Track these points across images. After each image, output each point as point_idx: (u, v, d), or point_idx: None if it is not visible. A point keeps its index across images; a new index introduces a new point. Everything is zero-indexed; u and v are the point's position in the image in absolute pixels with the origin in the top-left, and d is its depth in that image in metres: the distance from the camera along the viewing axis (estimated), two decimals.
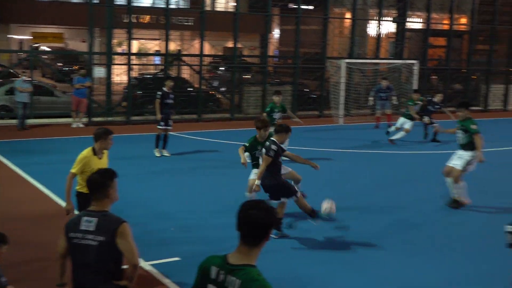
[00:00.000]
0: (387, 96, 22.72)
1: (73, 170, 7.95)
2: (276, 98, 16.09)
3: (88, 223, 4.74)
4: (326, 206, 9.80)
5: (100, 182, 4.86)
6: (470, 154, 11.64)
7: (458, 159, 11.79)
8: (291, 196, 9.66)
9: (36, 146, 17.41)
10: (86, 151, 7.99)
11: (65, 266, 5.06)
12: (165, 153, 16.23)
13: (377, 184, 13.74)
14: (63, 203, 11.29)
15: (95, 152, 7.95)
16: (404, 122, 19.17)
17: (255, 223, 3.71)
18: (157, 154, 16.12)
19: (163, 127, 16.22)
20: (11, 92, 21.22)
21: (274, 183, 9.61)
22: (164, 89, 16.51)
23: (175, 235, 9.80)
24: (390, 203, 12.14)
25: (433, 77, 30.95)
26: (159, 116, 16.20)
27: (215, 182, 13.47)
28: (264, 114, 16.08)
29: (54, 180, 13.06)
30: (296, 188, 9.95)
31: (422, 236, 10.18)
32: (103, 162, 7.95)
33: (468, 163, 11.67)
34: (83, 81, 21.01)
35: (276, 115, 15.87)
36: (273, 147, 9.55)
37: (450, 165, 11.84)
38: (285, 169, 10.53)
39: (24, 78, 20.18)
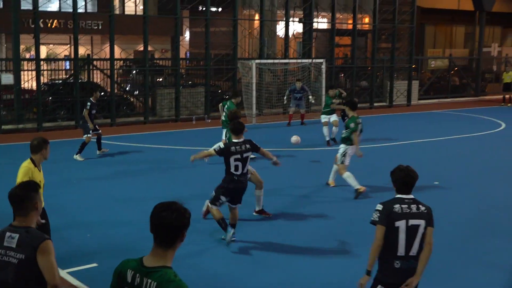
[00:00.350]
0: (301, 96, 23.16)
1: None
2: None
3: (11, 239, 4.49)
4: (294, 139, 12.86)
5: (25, 196, 4.60)
6: (343, 147, 12.72)
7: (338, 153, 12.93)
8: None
9: None
10: (27, 163, 7.56)
11: None
12: (101, 152, 16.92)
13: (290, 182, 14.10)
14: None
15: (35, 164, 7.58)
16: (328, 118, 19.33)
17: (168, 225, 3.70)
18: (80, 159, 16.23)
19: (92, 134, 16.57)
20: None
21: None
22: (92, 99, 16.60)
23: (91, 241, 9.74)
24: (307, 202, 12.52)
25: (341, 75, 31.89)
26: (91, 126, 16.35)
27: (130, 186, 13.43)
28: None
29: None
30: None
31: (331, 237, 10.58)
32: (42, 174, 7.69)
33: (343, 155, 12.68)
34: None
35: None
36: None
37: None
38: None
39: None
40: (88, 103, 16.39)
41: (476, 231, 10.47)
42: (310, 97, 23.62)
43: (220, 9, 32.34)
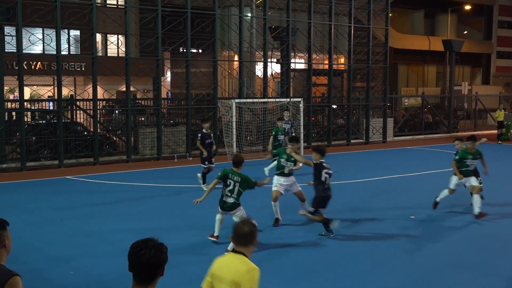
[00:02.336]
0: (288, 129, 21.36)
1: None
2: (279, 123, 19.69)
3: None
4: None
5: None
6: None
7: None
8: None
9: None
10: None
11: None
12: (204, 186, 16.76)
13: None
14: None
15: None
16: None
17: (147, 263, 3.67)
18: (205, 188, 16.25)
19: (207, 166, 16.99)
20: None
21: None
22: (204, 130, 17.24)
23: (74, 279, 9.57)
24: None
25: (285, 112, 32.05)
26: (205, 153, 16.92)
27: (112, 224, 13.29)
28: (271, 137, 19.44)
29: None
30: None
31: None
32: None
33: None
34: None
35: (281, 137, 19.20)
36: None
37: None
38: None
39: None
40: (199, 134, 17.11)
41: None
42: (293, 133, 23.08)
43: (200, 51, 32.58)
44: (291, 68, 30.39)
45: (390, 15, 34.21)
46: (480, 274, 9.83)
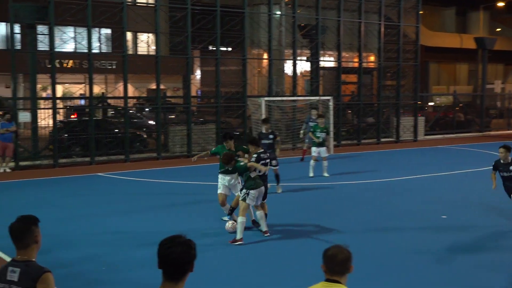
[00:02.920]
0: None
1: None
2: (319, 121, 19.26)
3: (13, 273, 4.48)
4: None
5: (25, 229, 4.55)
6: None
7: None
8: None
9: None
10: None
11: None
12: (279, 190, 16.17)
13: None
14: None
15: None
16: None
17: (176, 260, 3.69)
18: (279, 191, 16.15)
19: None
20: None
21: None
22: (263, 130, 16.78)
23: (105, 276, 9.67)
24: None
25: (348, 111, 31.99)
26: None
27: (143, 220, 13.38)
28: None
29: None
30: None
31: None
32: None
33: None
34: (8, 126, 20.55)
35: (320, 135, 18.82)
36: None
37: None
38: None
39: None
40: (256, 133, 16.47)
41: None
42: (301, 132, 23.40)
43: (230, 49, 32.63)
44: (321, 66, 30.26)
45: (421, 12, 33.80)
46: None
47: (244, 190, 11.47)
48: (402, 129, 32.06)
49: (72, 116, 26.41)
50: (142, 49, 37.42)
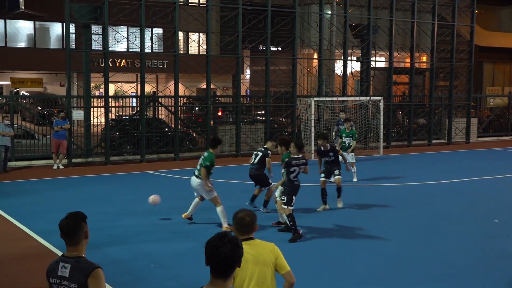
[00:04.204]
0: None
1: None
2: (346, 125, 18.71)
3: (64, 269, 4.56)
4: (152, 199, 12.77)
5: (75, 226, 4.63)
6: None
7: None
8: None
9: (18, 187, 17.28)
10: None
11: None
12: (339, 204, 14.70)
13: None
14: (43, 241, 11.32)
15: None
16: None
17: (225, 258, 3.73)
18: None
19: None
20: None
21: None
22: (321, 148, 14.72)
23: (153, 272, 9.79)
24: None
25: (398, 112, 31.55)
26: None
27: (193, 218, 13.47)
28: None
29: (35, 219, 13.06)
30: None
31: None
32: None
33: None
34: (62, 124, 21.03)
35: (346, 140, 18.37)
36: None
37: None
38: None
39: (6, 122, 20.11)
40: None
41: None
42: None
43: (279, 49, 32.59)
44: (371, 66, 29.94)
45: (476, 11, 33.06)
46: None
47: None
48: (454, 131, 31.43)
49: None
50: (193, 49, 37.78)
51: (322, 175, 14.59)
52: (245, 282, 5.03)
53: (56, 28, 37.70)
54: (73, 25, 25.09)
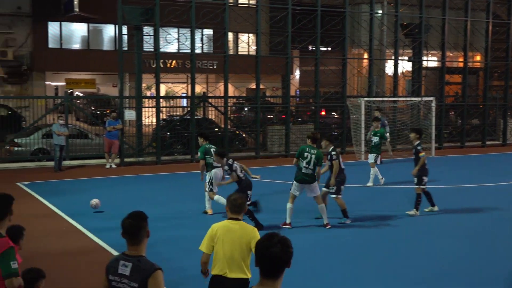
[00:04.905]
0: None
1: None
2: (374, 124, 18.22)
3: (124, 267, 4.63)
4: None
5: (138, 226, 4.70)
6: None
7: None
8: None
9: (72, 186, 17.67)
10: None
11: None
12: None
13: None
14: (95, 238, 11.53)
15: None
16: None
17: (276, 258, 3.70)
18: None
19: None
20: (47, 135, 21.72)
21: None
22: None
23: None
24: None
25: (451, 113, 30.92)
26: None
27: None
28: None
29: (87, 217, 13.32)
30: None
31: None
32: None
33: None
34: (114, 124, 21.38)
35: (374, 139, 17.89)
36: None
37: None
38: None
39: (61, 122, 20.58)
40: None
41: None
42: (387, 134, 22.27)
43: (329, 49, 32.41)
44: (423, 66, 29.42)
45: None
46: None
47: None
48: (509, 132, 30.59)
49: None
50: (242, 49, 37.91)
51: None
52: (219, 251, 6.22)
53: (109, 30, 38.41)
54: (126, 26, 25.48)
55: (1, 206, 5.68)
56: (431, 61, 32.91)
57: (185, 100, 28.37)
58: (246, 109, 29.20)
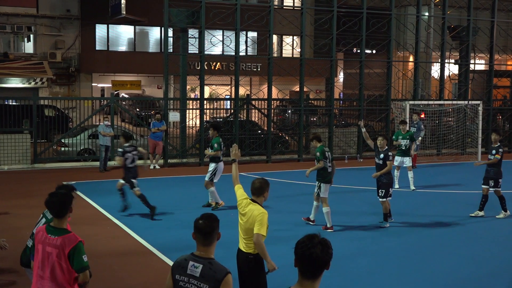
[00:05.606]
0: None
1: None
2: (402, 127, 18.06)
3: (194, 268, 4.65)
4: None
5: (212, 227, 4.75)
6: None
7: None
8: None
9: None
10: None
11: None
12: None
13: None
14: (140, 240, 11.62)
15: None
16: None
17: (316, 259, 3.73)
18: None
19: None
20: (93, 136, 22.08)
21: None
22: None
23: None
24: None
25: (498, 117, 30.20)
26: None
27: (283, 219, 13.43)
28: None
29: (132, 217, 13.45)
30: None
31: None
32: None
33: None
34: (159, 125, 21.59)
35: (403, 141, 17.70)
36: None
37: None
38: None
39: (106, 123, 20.88)
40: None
41: None
42: (420, 138, 21.89)
43: (374, 51, 32.06)
44: (470, 69, 28.83)
45: None
46: None
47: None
48: None
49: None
50: (286, 52, 37.84)
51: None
52: (243, 221, 7.11)
53: (155, 32, 38.83)
54: (171, 29, 25.70)
55: (64, 204, 5.77)
56: (478, 64, 32.19)
57: (228, 102, 28.42)
58: (289, 111, 29.09)
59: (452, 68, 31.68)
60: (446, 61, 27.63)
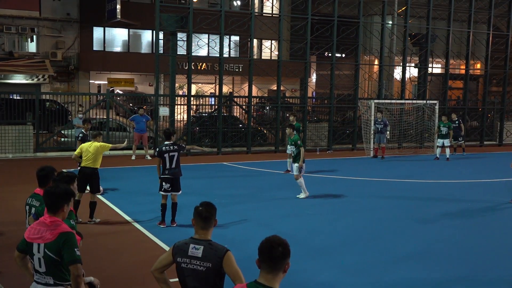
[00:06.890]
0: (381, 129, 22.68)
1: None
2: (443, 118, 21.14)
3: (195, 250, 4.61)
4: None
5: (212, 213, 4.76)
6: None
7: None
8: None
9: (110, 174, 17.69)
10: None
11: (166, 280, 4.82)
12: None
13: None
14: (129, 219, 11.50)
15: None
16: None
17: (278, 257, 3.78)
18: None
19: None
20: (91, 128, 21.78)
21: None
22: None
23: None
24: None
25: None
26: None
27: (265, 207, 13.42)
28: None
29: (126, 202, 13.32)
30: None
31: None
32: None
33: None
34: (140, 119, 20.99)
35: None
36: None
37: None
38: None
39: (80, 116, 20.52)
40: None
41: None
42: (388, 132, 23.12)
43: (343, 55, 32.11)
44: (428, 72, 29.05)
45: None
46: None
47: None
48: (505, 133, 30.13)
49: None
50: (265, 54, 37.76)
51: None
52: None
53: (147, 35, 38.50)
54: (162, 32, 25.51)
55: (60, 199, 4.94)
56: (435, 68, 32.43)
57: (213, 99, 28.31)
58: (267, 108, 29.07)
59: (412, 71, 31.92)
60: (407, 64, 27.80)
